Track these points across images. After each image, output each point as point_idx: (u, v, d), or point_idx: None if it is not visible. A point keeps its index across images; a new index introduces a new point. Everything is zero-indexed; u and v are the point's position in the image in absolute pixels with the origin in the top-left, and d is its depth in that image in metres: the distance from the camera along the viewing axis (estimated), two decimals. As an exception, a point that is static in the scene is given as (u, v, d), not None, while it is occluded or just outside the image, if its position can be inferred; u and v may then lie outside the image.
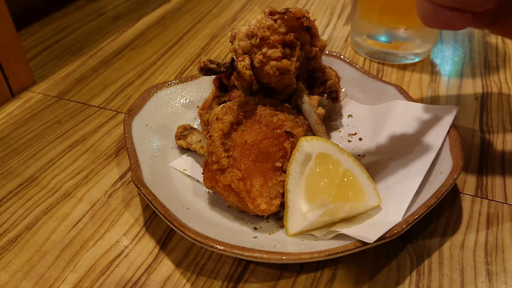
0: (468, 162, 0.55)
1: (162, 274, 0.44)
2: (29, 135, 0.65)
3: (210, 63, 0.48)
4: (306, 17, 0.48)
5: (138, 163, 0.50)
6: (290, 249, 0.41)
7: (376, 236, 0.39)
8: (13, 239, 0.49)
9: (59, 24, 0.97)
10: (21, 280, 0.44)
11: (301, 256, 0.39)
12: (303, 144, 0.46)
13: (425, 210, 0.42)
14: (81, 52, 0.86)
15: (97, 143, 0.62)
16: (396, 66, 0.75)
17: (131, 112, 0.57)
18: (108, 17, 1.00)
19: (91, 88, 0.75)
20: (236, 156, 0.45)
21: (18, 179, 0.57)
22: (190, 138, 0.55)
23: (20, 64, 0.74)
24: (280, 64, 0.47)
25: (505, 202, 0.50)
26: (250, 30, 0.48)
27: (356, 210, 0.44)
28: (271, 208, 0.45)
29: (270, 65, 0.47)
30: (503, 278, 0.42)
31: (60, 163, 0.59)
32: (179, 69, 0.79)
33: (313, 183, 0.45)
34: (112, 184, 0.55)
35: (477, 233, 0.47)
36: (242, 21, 0.95)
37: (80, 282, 0.44)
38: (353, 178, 0.45)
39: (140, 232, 0.49)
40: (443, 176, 0.45)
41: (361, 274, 0.43)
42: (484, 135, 0.59)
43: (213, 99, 0.56)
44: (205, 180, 0.47)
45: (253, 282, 0.43)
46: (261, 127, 0.47)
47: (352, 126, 0.59)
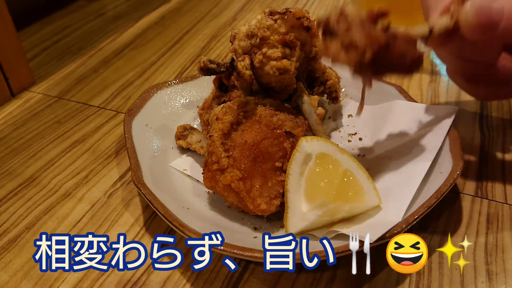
0: (468, 162, 0.55)
1: (162, 274, 0.44)
2: (29, 135, 0.65)
3: (210, 63, 0.48)
4: (306, 17, 0.48)
5: (138, 163, 0.50)
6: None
7: (376, 236, 0.39)
8: (13, 239, 0.49)
9: (59, 24, 0.97)
10: (21, 280, 0.44)
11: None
12: (303, 144, 0.46)
13: (425, 210, 0.42)
14: (81, 52, 0.86)
15: (97, 143, 0.62)
16: (396, 66, 0.75)
17: (131, 112, 0.57)
18: (108, 17, 1.00)
19: (91, 88, 0.75)
20: (236, 156, 0.45)
21: (18, 179, 0.57)
22: (190, 138, 0.55)
23: (20, 64, 0.74)
24: (280, 64, 0.47)
25: (505, 202, 0.50)
26: (250, 30, 0.48)
27: (356, 210, 0.44)
28: (271, 208, 0.45)
29: (270, 65, 0.47)
30: (503, 278, 0.42)
31: (60, 163, 0.59)
32: (179, 69, 0.79)
33: (313, 183, 0.45)
34: (112, 184, 0.55)
35: (477, 233, 0.47)
36: (242, 21, 0.95)
37: (80, 282, 0.44)
38: (353, 178, 0.45)
39: (140, 232, 0.49)
40: (443, 176, 0.45)
41: (361, 274, 0.43)
42: (484, 135, 0.59)
43: (213, 99, 0.56)
44: (205, 180, 0.47)
45: (253, 282, 0.43)
46: (261, 127, 0.47)
47: (352, 126, 0.59)
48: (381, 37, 0.41)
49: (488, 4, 0.43)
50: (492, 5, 0.43)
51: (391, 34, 0.42)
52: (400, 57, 0.43)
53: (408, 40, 0.43)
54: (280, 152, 0.46)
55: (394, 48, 0.42)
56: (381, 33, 0.41)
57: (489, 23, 0.43)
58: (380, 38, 0.41)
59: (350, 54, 0.41)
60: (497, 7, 0.43)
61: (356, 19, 0.42)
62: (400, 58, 0.43)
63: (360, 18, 0.42)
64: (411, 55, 0.43)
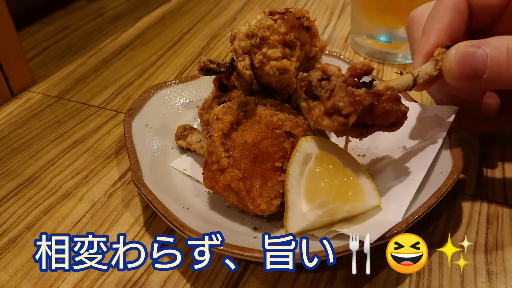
0: (468, 162, 0.55)
1: (162, 274, 0.44)
2: (29, 135, 0.65)
3: (210, 63, 0.48)
4: (306, 17, 0.48)
5: (138, 163, 0.50)
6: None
7: (376, 236, 0.39)
8: (13, 239, 0.49)
9: (59, 24, 0.97)
10: (21, 280, 0.44)
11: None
12: (303, 144, 0.46)
13: (425, 210, 0.42)
14: (81, 52, 0.86)
15: (97, 143, 0.62)
16: (396, 66, 0.75)
17: (131, 112, 0.57)
18: (108, 17, 1.00)
19: (91, 88, 0.75)
20: (236, 156, 0.45)
21: (18, 179, 0.57)
22: (190, 138, 0.55)
23: (20, 64, 0.74)
24: (280, 64, 0.47)
25: (505, 202, 0.50)
26: (250, 30, 0.48)
27: (356, 210, 0.44)
28: (271, 208, 0.45)
29: (270, 65, 0.47)
30: (503, 278, 0.42)
31: (60, 163, 0.59)
32: (179, 69, 0.79)
33: (313, 183, 0.45)
34: (112, 184, 0.55)
35: (477, 233, 0.47)
36: (242, 21, 0.95)
37: (80, 282, 0.44)
38: (353, 178, 0.45)
39: (140, 232, 0.49)
40: (443, 176, 0.45)
41: (361, 274, 0.43)
42: (484, 135, 0.59)
43: (213, 99, 0.56)
44: (205, 180, 0.47)
45: (253, 282, 0.43)
46: (261, 127, 0.47)
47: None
48: (365, 100, 0.40)
49: (472, 51, 0.42)
50: (477, 52, 0.42)
51: (374, 94, 0.41)
52: (384, 116, 0.42)
53: (392, 98, 0.42)
54: (280, 152, 0.46)
55: (378, 108, 0.41)
56: (365, 95, 0.40)
57: (473, 73, 0.42)
58: (364, 101, 0.40)
59: (333, 120, 0.41)
60: (481, 55, 0.41)
61: (339, 80, 0.41)
62: (384, 117, 0.42)
63: (344, 78, 0.41)
64: (395, 113, 0.42)
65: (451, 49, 0.43)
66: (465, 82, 0.43)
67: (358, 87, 0.41)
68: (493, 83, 0.42)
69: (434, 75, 0.45)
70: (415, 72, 0.45)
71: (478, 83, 0.42)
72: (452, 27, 0.47)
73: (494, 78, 0.42)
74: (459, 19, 0.47)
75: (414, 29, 0.52)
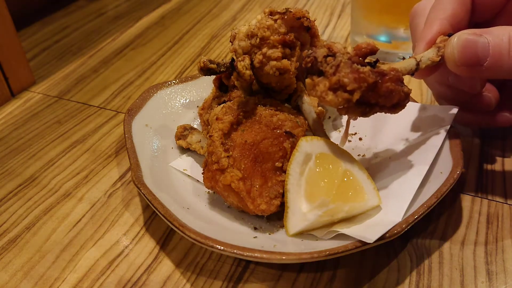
0: (468, 162, 0.55)
1: (162, 274, 0.44)
2: (29, 135, 0.65)
3: (210, 63, 0.48)
4: (306, 17, 0.48)
5: (138, 163, 0.50)
6: (290, 249, 0.41)
7: (376, 236, 0.39)
8: (13, 239, 0.49)
9: (59, 24, 0.97)
10: (21, 280, 0.44)
11: (301, 256, 0.39)
12: (303, 144, 0.46)
13: (425, 210, 0.42)
14: (81, 52, 0.86)
15: (97, 143, 0.62)
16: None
17: (131, 112, 0.57)
18: (108, 17, 1.00)
19: (91, 88, 0.75)
20: (236, 156, 0.45)
21: (18, 179, 0.57)
22: (190, 138, 0.55)
23: (20, 64, 0.74)
24: (280, 64, 0.47)
25: (505, 202, 0.50)
26: (250, 30, 0.48)
27: (356, 210, 0.44)
28: (271, 208, 0.45)
29: (270, 65, 0.47)
30: (503, 278, 0.42)
31: (60, 163, 0.59)
32: (179, 69, 0.79)
33: (313, 183, 0.45)
34: (112, 184, 0.55)
35: (477, 233, 0.47)
36: (242, 21, 0.95)
37: (80, 282, 0.44)
38: (353, 178, 0.45)
39: (140, 232, 0.49)
40: (443, 176, 0.45)
41: (361, 274, 0.43)
42: (484, 135, 0.59)
43: (213, 99, 0.56)
44: (205, 180, 0.47)
45: (253, 282, 0.43)
46: (261, 127, 0.47)
47: (352, 126, 0.59)
48: (370, 77, 0.40)
49: (475, 39, 0.43)
50: (479, 40, 0.43)
51: (379, 73, 0.41)
52: (388, 95, 0.42)
53: (396, 78, 0.42)
54: (280, 152, 0.46)
55: (382, 87, 0.41)
56: (369, 73, 0.41)
57: (475, 60, 0.43)
58: (369, 79, 0.40)
59: (337, 95, 0.41)
60: (483, 43, 0.42)
61: (344, 57, 0.41)
62: (388, 97, 0.42)
63: (349, 56, 0.42)
64: (398, 93, 0.43)
65: (454, 36, 0.44)
66: (466, 69, 0.44)
67: (363, 65, 0.42)
68: (494, 71, 0.43)
69: (436, 61, 0.46)
70: (418, 57, 0.46)
71: (479, 71, 0.43)
72: (455, 18, 0.48)
73: (495, 66, 0.43)
74: (462, 10, 0.48)
75: (417, 20, 0.53)
